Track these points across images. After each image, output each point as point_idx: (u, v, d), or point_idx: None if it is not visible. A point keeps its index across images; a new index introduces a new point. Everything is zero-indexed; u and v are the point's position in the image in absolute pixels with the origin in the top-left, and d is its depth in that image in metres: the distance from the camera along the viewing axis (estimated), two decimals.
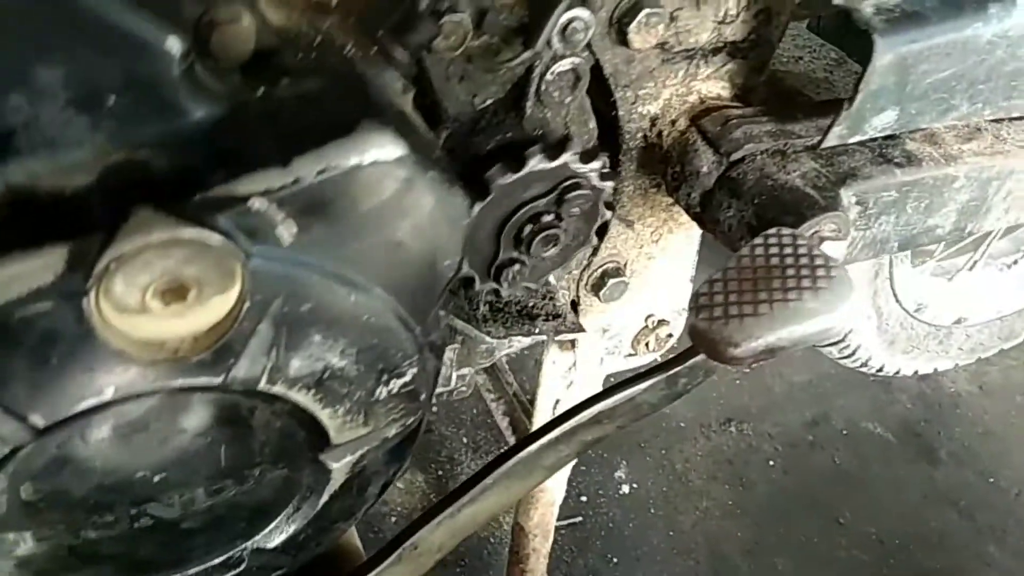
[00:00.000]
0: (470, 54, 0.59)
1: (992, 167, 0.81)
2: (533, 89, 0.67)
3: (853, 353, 1.48)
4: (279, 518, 0.54)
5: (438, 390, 0.83)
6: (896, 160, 0.76)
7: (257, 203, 0.41)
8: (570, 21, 0.61)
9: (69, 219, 0.38)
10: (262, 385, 0.45)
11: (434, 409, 1.61)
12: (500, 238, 0.70)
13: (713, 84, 0.81)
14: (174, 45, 0.40)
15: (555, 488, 1.20)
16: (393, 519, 1.46)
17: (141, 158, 0.40)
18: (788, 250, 0.58)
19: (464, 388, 0.90)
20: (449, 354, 0.79)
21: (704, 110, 0.79)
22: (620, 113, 0.78)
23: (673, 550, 1.49)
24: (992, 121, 0.84)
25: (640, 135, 0.81)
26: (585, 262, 0.91)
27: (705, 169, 0.76)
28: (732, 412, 1.74)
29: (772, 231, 0.60)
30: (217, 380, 0.43)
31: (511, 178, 0.64)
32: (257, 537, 0.54)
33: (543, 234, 0.69)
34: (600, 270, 0.92)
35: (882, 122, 0.72)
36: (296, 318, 0.44)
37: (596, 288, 0.93)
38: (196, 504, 0.49)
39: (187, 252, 0.39)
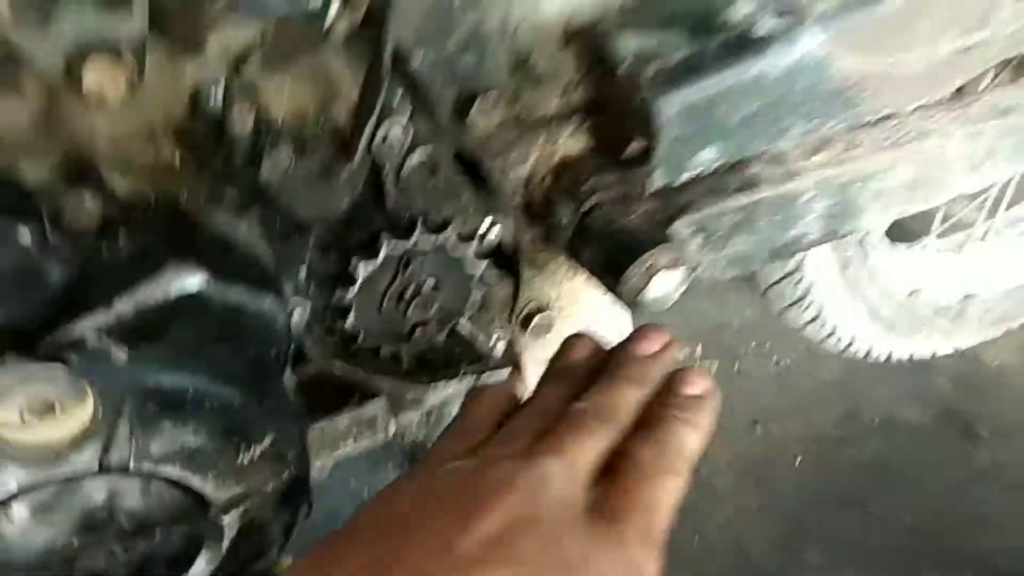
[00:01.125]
0: (307, 173, 0.73)
1: (843, 174, 0.87)
2: (390, 182, 0.81)
3: (850, 344, 1.51)
4: (194, 565, 0.69)
5: (381, 436, 0.97)
6: (733, 187, 0.83)
7: (90, 337, 0.56)
8: (388, 131, 0.74)
9: None
10: (132, 466, 0.60)
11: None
12: (385, 310, 0.84)
13: (575, 142, 0.91)
14: (24, 233, 0.56)
15: None
16: None
17: (8, 316, 0.56)
18: None
19: (413, 432, 1.03)
20: (378, 406, 0.92)
21: (564, 167, 0.89)
22: (494, 181, 0.90)
23: (701, 554, 1.55)
24: (851, 128, 0.89)
25: (518, 195, 0.92)
26: (509, 305, 1.02)
27: (565, 220, 0.87)
28: (757, 413, 1.77)
29: None
30: (95, 467, 0.59)
31: (371, 266, 0.78)
32: None
33: (416, 300, 0.82)
34: (525, 310, 1.03)
35: (706, 158, 0.81)
36: (145, 413, 0.59)
37: (524, 326, 1.04)
38: (117, 557, 0.65)
39: (43, 382, 0.54)
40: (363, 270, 0.77)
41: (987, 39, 0.87)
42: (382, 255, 0.78)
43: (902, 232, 1.53)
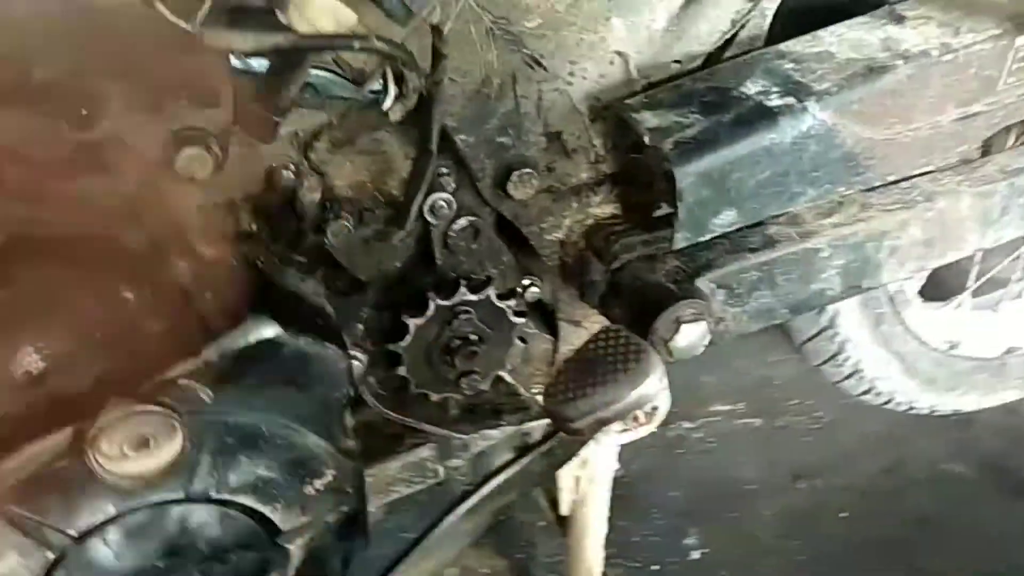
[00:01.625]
0: (364, 239, 0.83)
1: (857, 233, 0.93)
2: (439, 245, 0.90)
3: (890, 399, 1.53)
4: None
5: (431, 479, 1.04)
6: (752, 245, 0.91)
7: (182, 382, 0.65)
8: (435, 202, 0.84)
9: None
10: (213, 495, 0.69)
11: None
12: (433, 361, 0.92)
13: (607, 207, 1.00)
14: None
15: (591, 556, 1.35)
16: None
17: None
18: (612, 342, 0.76)
19: (461, 477, 1.10)
20: (428, 452, 1.00)
21: (596, 229, 0.98)
22: (533, 244, 0.99)
23: None
24: (864, 191, 0.96)
25: (555, 257, 1.01)
26: (550, 359, 1.10)
27: (597, 278, 0.95)
28: (801, 469, 1.78)
29: (603, 327, 0.78)
30: (181, 495, 0.68)
31: (420, 320, 0.87)
32: None
33: (461, 352, 0.91)
34: None
35: (726, 220, 0.88)
36: (225, 448, 0.68)
37: None
38: None
39: (141, 419, 0.64)
40: (413, 324, 0.86)
41: (990, 107, 0.94)
42: (430, 311, 0.86)
43: (938, 290, 1.56)
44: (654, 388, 0.72)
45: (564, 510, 1.36)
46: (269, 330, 0.68)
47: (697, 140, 0.82)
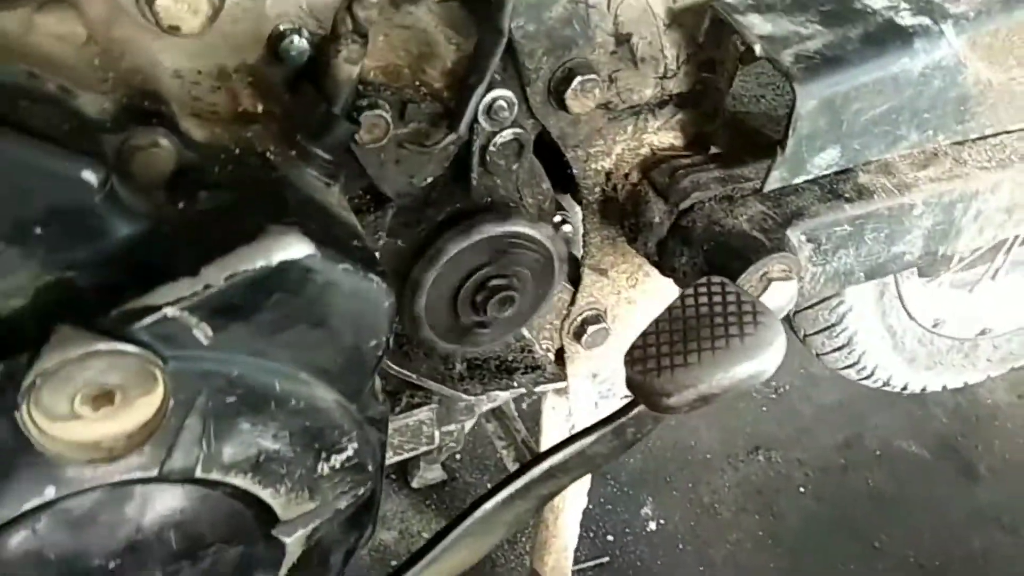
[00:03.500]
0: (400, 141, 0.63)
1: (952, 191, 0.81)
2: (476, 161, 0.71)
3: (871, 374, 1.47)
4: None
5: (425, 448, 0.87)
6: (846, 195, 0.77)
7: (170, 311, 0.45)
8: (493, 101, 0.65)
9: (3, 341, 0.43)
10: (198, 473, 0.48)
11: (457, 457, 1.63)
12: (457, 304, 0.74)
13: (665, 135, 0.83)
14: (90, 175, 0.45)
15: (568, 533, 1.21)
16: None
17: (68, 278, 0.45)
18: (717, 299, 0.60)
19: (453, 444, 0.92)
20: (427, 414, 0.82)
21: (655, 161, 0.81)
22: (575, 171, 0.81)
23: None
24: (954, 144, 0.84)
25: (598, 189, 0.84)
26: (564, 312, 0.93)
27: (657, 219, 0.78)
28: (759, 440, 1.72)
29: (703, 280, 0.61)
30: (153, 472, 0.47)
31: (462, 244, 0.68)
32: None
33: (498, 295, 0.72)
34: (580, 318, 0.94)
35: (826, 160, 0.73)
36: (222, 410, 0.48)
37: (578, 336, 0.95)
38: None
39: (105, 363, 0.43)
40: (453, 247, 0.67)
41: None
42: (476, 235, 0.67)
43: (929, 266, 1.50)
44: (775, 362, 0.57)
45: None
46: (297, 248, 0.47)
47: (823, 55, 0.66)
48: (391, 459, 0.83)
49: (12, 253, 0.44)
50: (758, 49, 0.67)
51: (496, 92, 0.65)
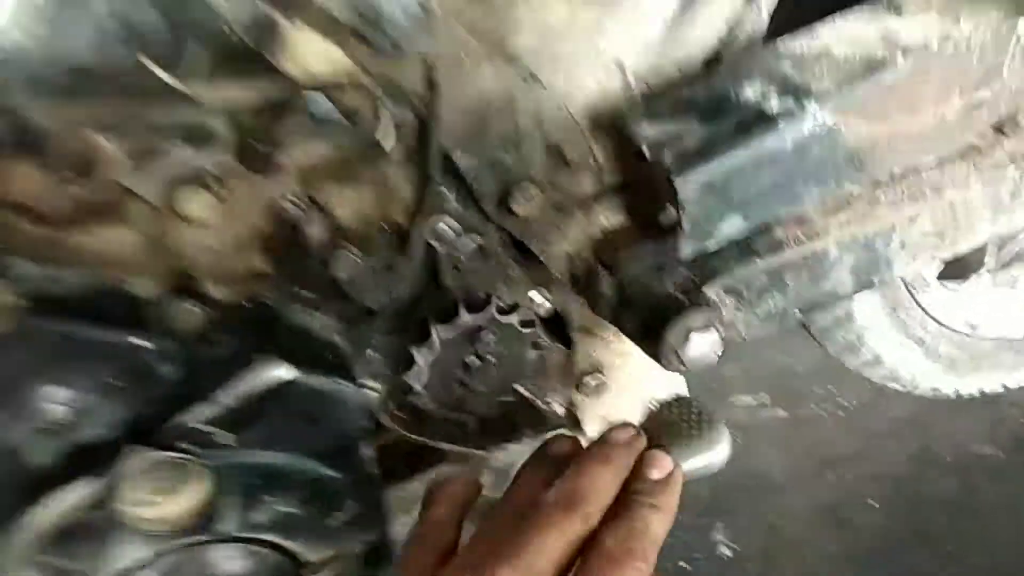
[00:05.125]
0: (372, 267, 0.84)
1: (867, 230, 0.93)
2: (447, 269, 0.91)
3: (916, 384, 1.52)
4: None
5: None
6: (759, 250, 0.90)
7: (202, 427, 0.66)
8: (436, 227, 0.85)
9: (93, 457, 0.66)
10: (239, 534, 0.70)
11: None
12: (448, 383, 0.93)
13: (614, 217, 0.99)
14: (144, 342, 0.68)
15: None
16: None
17: (129, 411, 0.68)
18: (676, 410, 0.76)
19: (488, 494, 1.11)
20: (448, 470, 1.01)
21: (604, 241, 0.98)
22: (542, 258, 0.99)
23: None
24: (869, 186, 0.95)
25: (564, 268, 1.01)
26: (565, 370, 1.10)
27: (607, 290, 0.95)
28: (829, 458, 1.78)
29: (663, 401, 0.78)
30: (206, 537, 0.69)
31: (423, 348, 0.88)
32: None
33: (476, 371, 0.91)
34: (579, 373, 1.11)
35: (732, 227, 0.88)
36: (250, 487, 0.69)
37: (579, 388, 1.11)
38: None
39: (165, 466, 0.65)
40: (419, 356, 0.87)
41: (994, 95, 0.93)
42: (433, 338, 0.87)
43: (956, 271, 1.55)
44: (722, 456, 0.73)
45: None
46: (283, 371, 0.69)
47: (697, 150, 0.82)
48: None
49: (102, 403, 0.68)
50: (646, 152, 0.84)
51: (437, 219, 0.84)
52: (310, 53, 0.67)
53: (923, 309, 1.43)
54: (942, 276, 1.49)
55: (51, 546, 0.66)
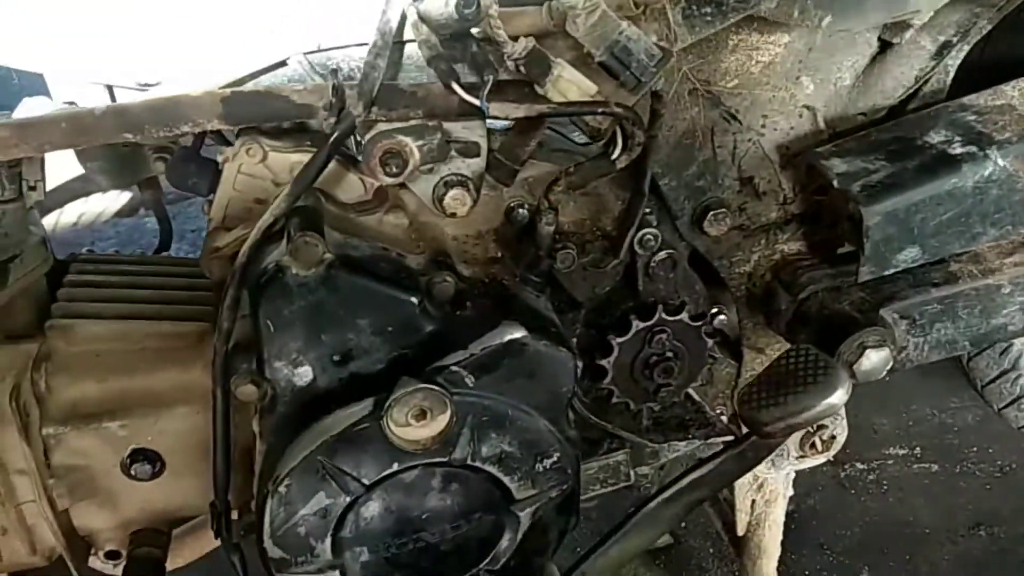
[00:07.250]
0: (584, 265, 0.99)
1: None
2: (641, 274, 1.05)
3: None
4: (494, 549, 0.93)
5: (624, 484, 1.18)
6: (934, 280, 0.99)
7: (453, 368, 0.84)
8: (643, 236, 0.99)
9: (380, 386, 0.84)
10: (468, 462, 0.86)
11: (683, 525, 1.88)
12: (636, 374, 1.07)
13: (793, 244, 1.11)
14: (415, 299, 0.86)
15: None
16: None
17: (403, 354, 0.86)
18: (801, 359, 0.87)
19: (648, 484, 1.23)
20: (623, 456, 1.14)
21: (784, 264, 1.09)
22: (723, 276, 1.12)
23: None
24: None
25: (743, 288, 1.13)
26: (732, 383, 1.21)
27: (784, 307, 1.06)
28: (982, 516, 1.76)
29: (792, 348, 0.89)
30: (445, 459, 0.85)
31: (624, 338, 1.02)
32: (484, 563, 0.93)
33: (659, 367, 1.04)
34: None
35: (908, 256, 0.97)
36: (481, 424, 0.85)
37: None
38: (446, 535, 0.90)
39: (423, 395, 0.82)
40: (617, 342, 1.01)
41: None
42: (632, 331, 1.01)
43: None
44: (841, 400, 0.83)
45: (740, 531, 1.45)
46: (517, 333, 0.85)
47: (883, 183, 0.93)
48: (598, 492, 1.16)
49: (380, 343, 0.86)
50: (835, 183, 0.96)
51: (645, 230, 0.99)
52: (568, 83, 0.84)
53: None
54: None
55: (328, 451, 0.84)
